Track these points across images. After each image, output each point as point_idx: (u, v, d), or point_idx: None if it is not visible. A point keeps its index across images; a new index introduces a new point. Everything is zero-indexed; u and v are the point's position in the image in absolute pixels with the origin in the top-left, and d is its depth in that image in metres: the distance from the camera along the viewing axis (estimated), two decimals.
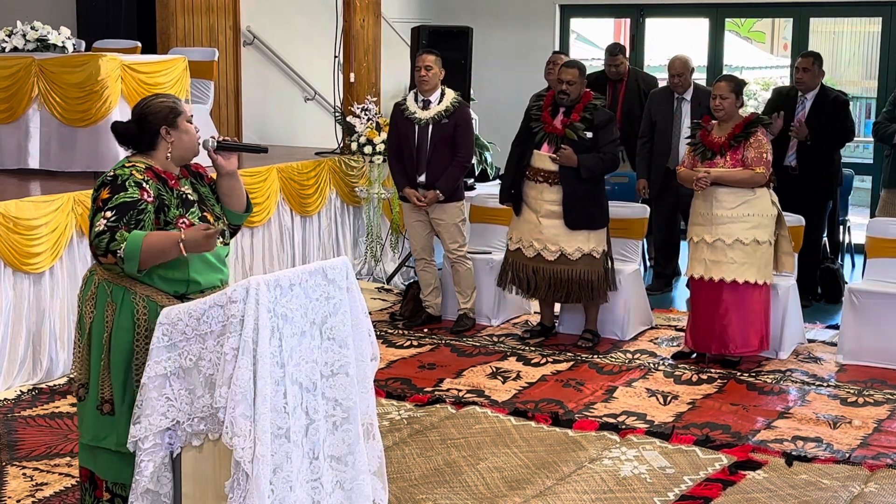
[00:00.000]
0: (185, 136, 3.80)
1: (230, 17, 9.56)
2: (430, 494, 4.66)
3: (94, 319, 3.71)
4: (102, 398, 3.70)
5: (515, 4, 11.41)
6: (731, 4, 11.01)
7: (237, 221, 3.98)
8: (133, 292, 3.68)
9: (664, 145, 8.15)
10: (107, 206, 3.59)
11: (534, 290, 6.91)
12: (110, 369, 3.68)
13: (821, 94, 7.76)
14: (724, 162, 6.35)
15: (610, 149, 6.68)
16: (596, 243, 6.76)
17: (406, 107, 7.17)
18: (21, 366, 6.07)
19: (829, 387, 6.20)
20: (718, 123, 6.46)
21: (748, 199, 6.33)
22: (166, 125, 3.76)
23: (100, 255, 3.58)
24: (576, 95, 6.70)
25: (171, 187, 3.75)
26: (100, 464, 3.79)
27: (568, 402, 5.92)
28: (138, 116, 3.80)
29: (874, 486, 4.76)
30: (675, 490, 4.74)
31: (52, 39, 7.46)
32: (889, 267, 6.76)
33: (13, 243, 5.92)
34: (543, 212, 6.76)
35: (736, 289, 6.38)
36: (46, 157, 7.36)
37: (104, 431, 3.72)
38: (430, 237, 7.38)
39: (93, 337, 3.71)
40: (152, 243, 3.57)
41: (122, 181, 3.64)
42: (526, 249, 6.86)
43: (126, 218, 3.59)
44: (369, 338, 3.83)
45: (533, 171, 6.79)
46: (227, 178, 3.91)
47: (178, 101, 3.84)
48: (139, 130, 3.78)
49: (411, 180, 7.17)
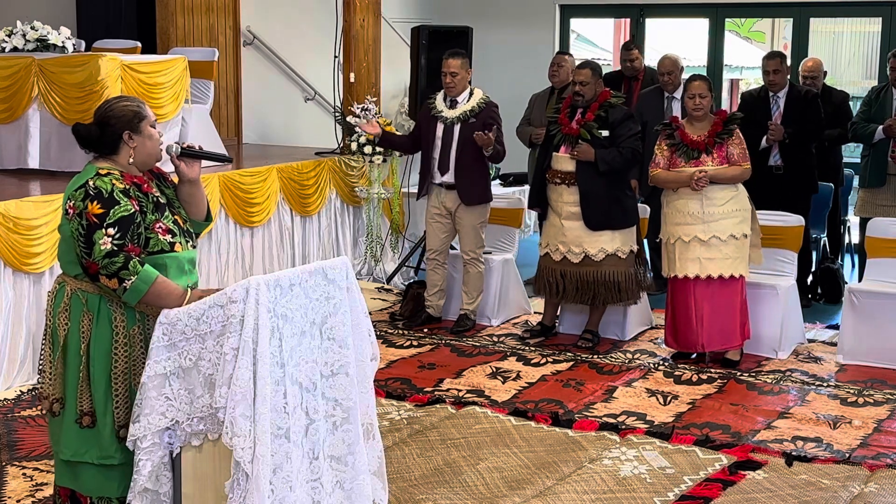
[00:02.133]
0: (148, 141, 3.67)
1: (230, 17, 9.57)
2: (430, 494, 4.66)
3: (69, 331, 3.60)
4: (81, 411, 3.61)
5: (515, 4, 11.42)
6: (731, 4, 11.01)
7: (197, 230, 3.88)
8: (109, 300, 3.59)
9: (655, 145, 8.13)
10: (105, 222, 3.48)
11: (562, 293, 6.90)
12: (90, 380, 3.59)
13: (791, 91, 7.77)
14: (711, 160, 6.37)
15: (629, 143, 6.62)
16: (621, 243, 6.74)
17: (434, 105, 7.19)
18: (21, 366, 6.07)
19: (829, 387, 6.20)
20: (690, 122, 6.48)
21: (734, 194, 6.41)
22: (129, 130, 3.64)
23: (104, 275, 3.48)
24: (590, 95, 6.70)
25: (144, 192, 3.66)
26: (82, 480, 3.69)
27: (568, 402, 5.92)
28: (100, 119, 3.66)
29: (874, 486, 4.76)
30: (675, 490, 4.74)
31: (52, 39, 7.47)
32: (889, 267, 6.76)
33: (13, 243, 5.92)
34: (565, 214, 6.76)
35: (725, 284, 6.41)
36: (46, 157, 7.37)
37: (85, 446, 3.63)
38: (447, 238, 7.34)
39: (69, 349, 3.61)
40: (159, 291, 3.50)
41: (108, 193, 3.52)
42: (553, 253, 6.85)
43: (130, 234, 3.50)
44: (369, 338, 3.83)
45: (552, 174, 6.80)
46: (188, 185, 3.80)
47: (142, 104, 3.70)
48: (101, 134, 3.65)
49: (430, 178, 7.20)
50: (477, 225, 7.22)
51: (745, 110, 7.69)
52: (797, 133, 7.64)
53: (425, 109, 7.27)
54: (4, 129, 7.46)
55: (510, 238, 7.85)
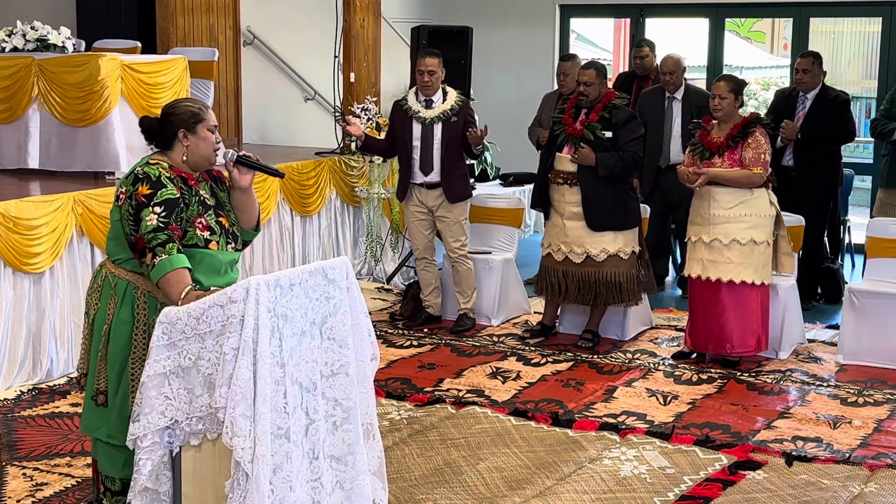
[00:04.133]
0: (202, 143, 3.83)
1: (230, 17, 9.56)
2: (430, 494, 4.66)
3: (98, 311, 3.80)
4: (97, 389, 3.78)
5: (515, 4, 11.41)
6: (731, 4, 11.01)
7: (246, 238, 4.01)
8: (136, 287, 3.75)
9: (655, 144, 8.13)
10: (152, 201, 3.63)
11: (564, 293, 6.89)
12: (107, 361, 3.75)
13: (821, 94, 7.75)
14: (721, 162, 6.36)
15: (630, 147, 6.64)
16: (623, 244, 6.74)
17: (408, 105, 7.17)
18: (21, 366, 6.07)
19: (829, 387, 6.20)
20: (718, 124, 6.46)
21: (746, 199, 6.34)
22: (185, 129, 3.81)
23: (148, 249, 3.58)
24: (594, 96, 6.69)
25: (190, 186, 3.80)
26: (97, 453, 3.89)
27: (568, 402, 5.92)
28: (163, 115, 3.87)
29: (874, 486, 4.76)
30: (675, 490, 4.74)
31: (52, 39, 7.46)
32: (889, 267, 6.76)
33: (13, 243, 5.92)
34: (567, 214, 6.76)
35: (733, 289, 6.39)
36: (46, 157, 7.36)
37: (96, 422, 3.80)
38: (431, 236, 7.39)
39: (94, 328, 3.80)
40: (174, 279, 3.57)
41: (156, 178, 3.69)
42: (555, 253, 6.86)
43: (174, 215, 3.65)
44: (369, 338, 3.83)
45: (555, 174, 6.81)
46: (238, 192, 3.96)
47: (204, 108, 3.88)
48: (161, 129, 3.84)
49: (410, 179, 7.21)
50: (461, 221, 7.25)
51: (774, 107, 7.92)
52: (814, 135, 7.61)
53: (398, 111, 7.22)
54: (4, 129, 7.45)
55: (510, 238, 7.85)
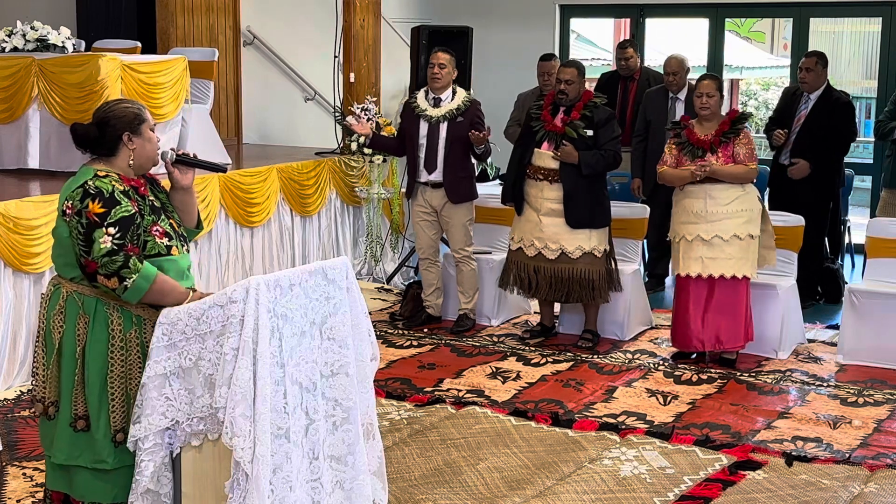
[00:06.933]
0: (147, 144, 3.64)
1: (230, 17, 9.57)
2: (430, 494, 4.66)
3: (64, 334, 3.57)
4: (76, 415, 3.58)
5: (515, 4, 11.41)
6: (731, 4, 11.01)
7: (191, 237, 3.87)
8: (106, 303, 3.56)
9: (658, 145, 8.11)
10: (106, 221, 3.45)
11: (535, 289, 6.91)
12: (84, 384, 3.56)
13: (825, 95, 7.75)
14: (716, 159, 6.37)
15: (611, 146, 6.68)
16: (598, 242, 6.75)
17: (417, 104, 7.18)
18: (21, 366, 6.07)
19: (829, 387, 6.20)
20: (700, 122, 6.48)
21: (740, 194, 6.38)
22: (129, 131, 3.61)
23: (103, 274, 3.45)
24: (574, 95, 6.70)
25: (142, 195, 3.64)
26: (75, 484, 3.66)
27: (568, 402, 5.92)
28: (100, 120, 3.62)
29: (874, 486, 4.76)
30: (675, 490, 4.74)
31: (52, 39, 7.46)
32: (889, 267, 6.76)
33: (13, 243, 5.92)
34: (544, 210, 6.76)
35: (728, 284, 6.40)
36: (46, 157, 7.36)
37: (78, 449, 3.60)
38: (436, 237, 7.37)
39: (63, 352, 3.58)
40: (162, 288, 3.50)
41: (109, 194, 3.49)
42: (527, 249, 6.86)
43: (130, 235, 3.48)
44: (369, 338, 3.83)
45: (533, 170, 6.80)
46: (180, 192, 3.79)
47: (142, 108, 3.68)
48: (100, 135, 3.60)
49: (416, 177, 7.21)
50: (465, 223, 7.23)
51: (779, 106, 7.99)
52: (814, 136, 7.61)
53: (408, 110, 7.25)
54: (4, 129, 7.46)
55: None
